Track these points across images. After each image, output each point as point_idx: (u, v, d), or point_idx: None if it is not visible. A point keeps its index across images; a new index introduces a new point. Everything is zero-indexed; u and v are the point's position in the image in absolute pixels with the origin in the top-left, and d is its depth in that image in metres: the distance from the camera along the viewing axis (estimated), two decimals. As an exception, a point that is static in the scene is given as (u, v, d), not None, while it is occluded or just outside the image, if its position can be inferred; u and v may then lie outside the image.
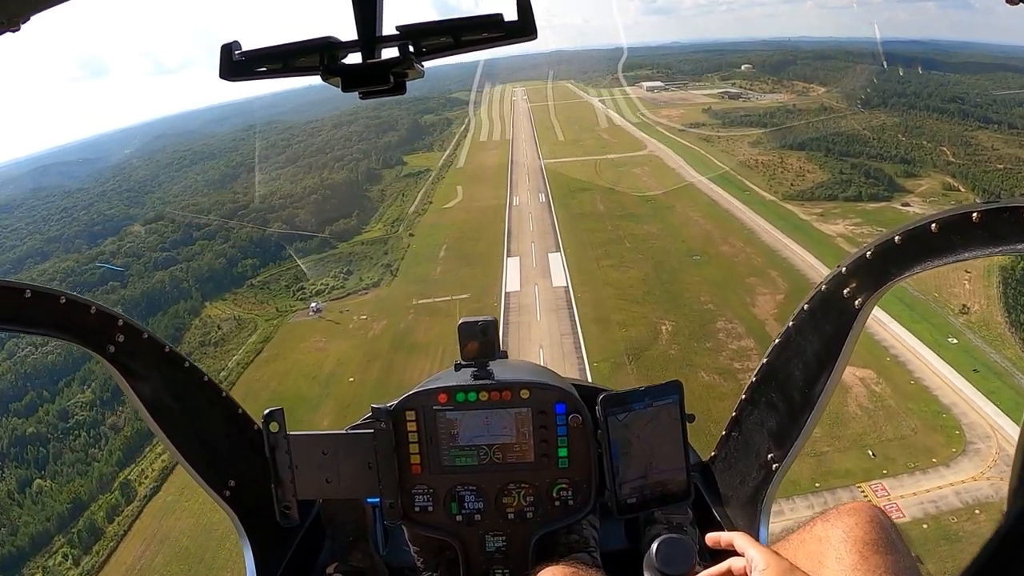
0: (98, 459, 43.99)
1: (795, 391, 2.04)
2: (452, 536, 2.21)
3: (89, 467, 43.21)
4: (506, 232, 63.56)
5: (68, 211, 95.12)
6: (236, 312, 59.23)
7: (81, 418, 48.61)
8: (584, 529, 2.29)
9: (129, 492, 39.61)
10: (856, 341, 1.83)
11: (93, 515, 38.19)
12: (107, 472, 42.09)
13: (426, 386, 2.20)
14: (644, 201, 68.91)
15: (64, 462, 44.51)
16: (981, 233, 1.37)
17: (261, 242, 77.73)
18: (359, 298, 55.47)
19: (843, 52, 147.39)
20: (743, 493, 2.34)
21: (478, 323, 2.16)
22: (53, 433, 46.71)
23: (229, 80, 1.11)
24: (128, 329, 1.99)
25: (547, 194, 75.22)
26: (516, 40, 1.03)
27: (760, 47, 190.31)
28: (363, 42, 1.06)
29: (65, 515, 39.10)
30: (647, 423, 1.95)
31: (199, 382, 2.28)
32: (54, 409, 49.51)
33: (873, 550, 1.26)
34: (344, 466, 2.16)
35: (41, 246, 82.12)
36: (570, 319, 43.77)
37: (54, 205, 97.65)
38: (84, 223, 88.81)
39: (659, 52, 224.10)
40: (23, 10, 0.92)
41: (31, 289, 1.69)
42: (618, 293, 47.12)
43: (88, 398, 50.39)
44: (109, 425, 47.51)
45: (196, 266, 71.42)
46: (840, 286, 1.81)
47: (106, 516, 38.29)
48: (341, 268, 66.30)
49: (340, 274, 64.86)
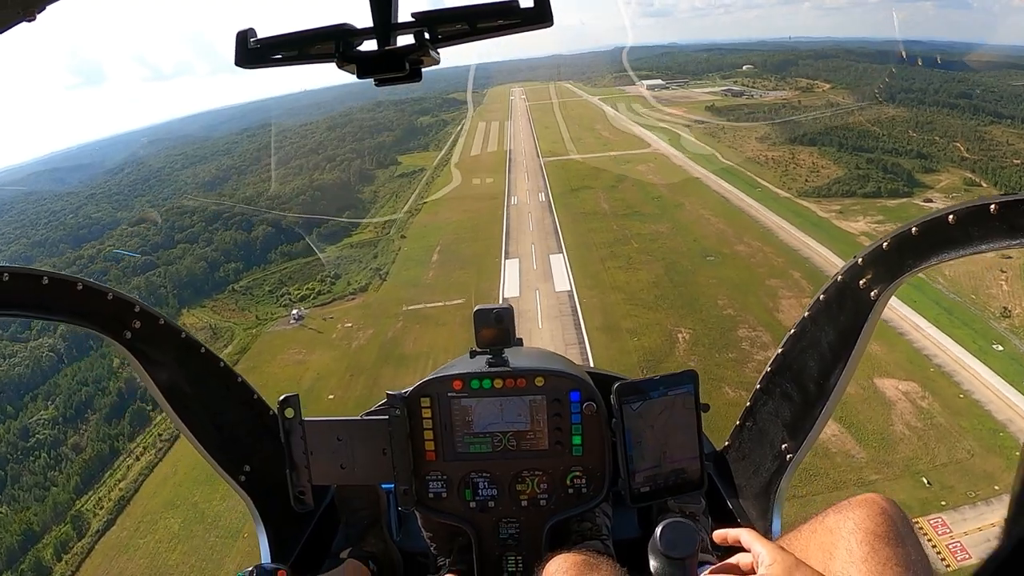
0: (56, 483, 39.99)
1: (810, 382, 2.02)
2: (466, 522, 2.19)
3: (47, 492, 39.23)
4: (504, 233, 59.13)
5: (56, 215, 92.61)
6: (213, 320, 54.77)
7: (43, 437, 44.66)
8: (597, 517, 2.28)
9: (81, 525, 35.18)
10: (872, 332, 1.79)
11: (41, 552, 33.89)
12: (63, 500, 37.90)
13: (441, 373, 2.17)
14: (651, 199, 64.55)
15: (22, 486, 40.54)
16: (999, 225, 1.34)
17: (246, 244, 73.41)
18: (345, 304, 50.96)
19: (843, 51, 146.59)
20: (757, 483, 2.30)
21: (493, 311, 2.13)
22: (13, 453, 42.92)
23: (245, 67, 1.10)
24: (144, 315, 1.98)
25: (547, 193, 70.87)
26: (532, 27, 1.01)
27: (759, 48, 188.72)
28: (378, 29, 1.06)
29: (15, 548, 34.95)
30: (662, 412, 1.90)
31: (215, 368, 2.27)
32: (16, 427, 45.72)
33: (884, 542, 1.24)
34: (359, 452, 2.13)
35: (25, 250, 79.02)
36: (575, 327, 39.19)
37: (43, 209, 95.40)
38: (70, 227, 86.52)
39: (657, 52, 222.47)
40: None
41: (49, 276, 1.69)
42: (627, 298, 42.59)
43: (51, 415, 46.67)
44: (71, 445, 43.81)
45: (175, 271, 67.28)
46: (856, 277, 1.78)
47: (55, 553, 33.98)
48: (328, 272, 62.11)
49: (327, 278, 60.67)
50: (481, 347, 2.15)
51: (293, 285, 60.74)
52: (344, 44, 1.06)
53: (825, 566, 1.28)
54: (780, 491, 2.18)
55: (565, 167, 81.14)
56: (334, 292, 55.38)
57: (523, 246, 54.91)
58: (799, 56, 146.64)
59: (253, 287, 63.07)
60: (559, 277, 46.84)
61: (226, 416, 2.32)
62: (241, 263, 69.48)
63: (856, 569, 1.23)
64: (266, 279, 64.40)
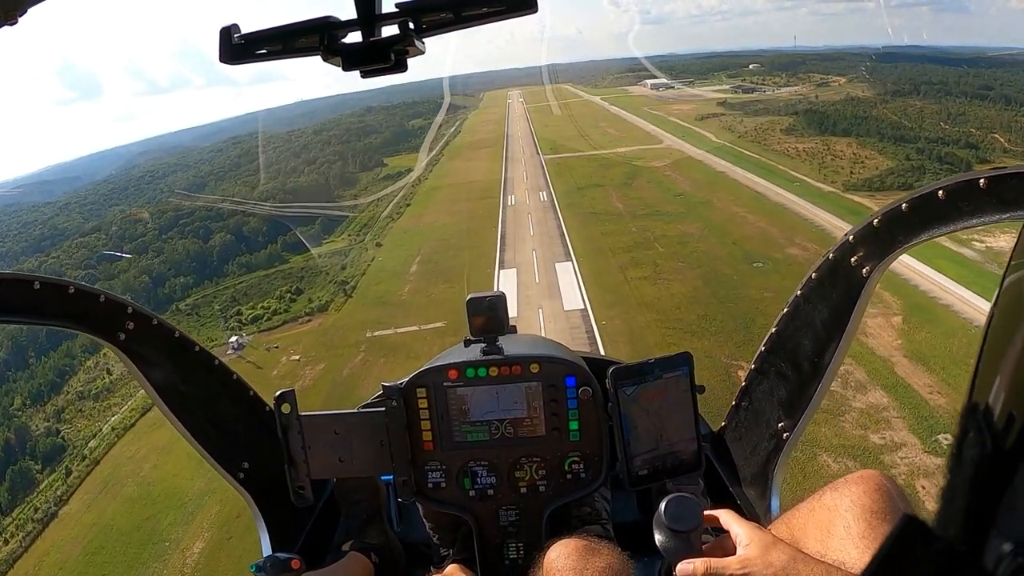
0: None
1: (804, 360, 2.01)
2: (465, 511, 2.16)
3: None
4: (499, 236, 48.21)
5: (28, 226, 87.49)
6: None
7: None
8: (596, 502, 2.27)
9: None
10: (864, 309, 1.79)
11: None
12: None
13: (436, 363, 2.13)
14: (672, 196, 53.76)
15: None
16: (988, 200, 1.34)
17: (201, 255, 62.64)
18: (297, 328, 39.90)
19: (850, 55, 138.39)
20: (754, 463, 2.31)
21: (486, 298, 2.09)
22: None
23: (229, 63, 1.08)
24: (137, 316, 1.97)
25: (549, 192, 60.11)
26: (517, 14, 1.00)
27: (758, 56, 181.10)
28: (362, 21, 1.03)
29: None
30: (657, 395, 1.88)
31: (210, 366, 2.26)
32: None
33: (880, 518, 1.25)
34: (356, 445, 2.09)
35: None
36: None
37: (15, 221, 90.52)
38: (34, 238, 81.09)
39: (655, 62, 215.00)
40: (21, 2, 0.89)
41: (40, 280, 1.67)
42: (661, 318, 31.54)
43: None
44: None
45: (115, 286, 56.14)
46: (848, 254, 1.77)
47: None
48: (289, 286, 51.25)
49: (287, 294, 49.80)
50: (475, 335, 2.11)
51: (247, 303, 49.92)
52: (328, 37, 1.04)
53: (823, 543, 1.28)
54: (778, 470, 2.18)
55: (568, 165, 70.51)
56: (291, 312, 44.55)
57: (522, 253, 44.00)
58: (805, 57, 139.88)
59: (201, 305, 52.16)
60: (568, 292, 35.88)
61: (223, 414, 2.28)
62: (192, 277, 58.91)
63: (854, 545, 1.23)
64: (218, 295, 53.68)
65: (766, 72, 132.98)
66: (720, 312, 31.56)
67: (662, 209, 50.45)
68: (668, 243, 42.32)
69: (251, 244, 62.04)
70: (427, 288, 40.33)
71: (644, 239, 43.62)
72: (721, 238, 42.52)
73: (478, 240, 48.02)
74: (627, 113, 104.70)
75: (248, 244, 62.28)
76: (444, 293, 38.26)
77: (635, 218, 48.77)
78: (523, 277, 39.06)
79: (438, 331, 32.71)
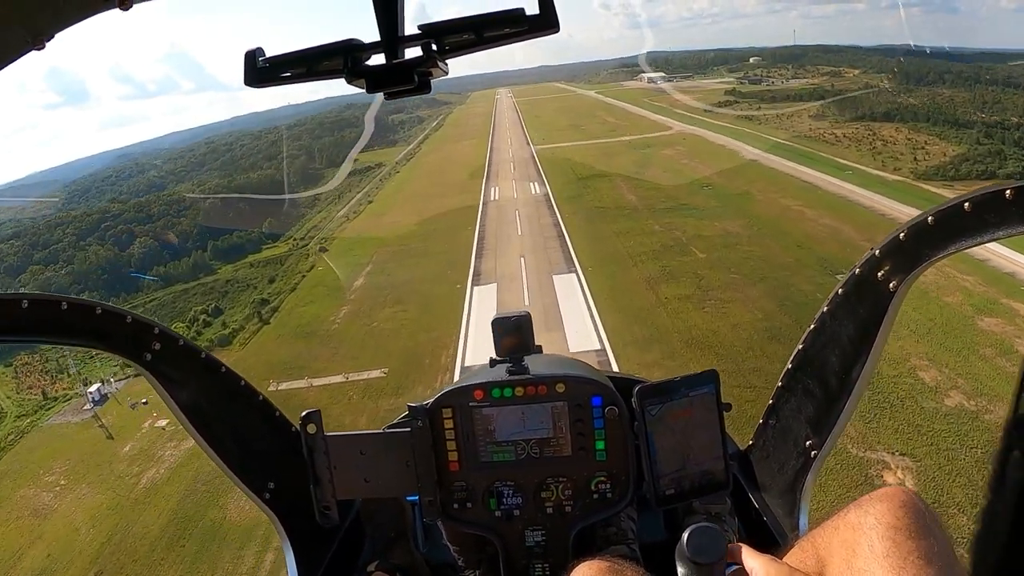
0: None
1: (832, 377, 1.95)
2: (491, 532, 2.13)
3: None
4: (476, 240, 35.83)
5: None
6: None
7: None
8: (622, 521, 2.23)
9: None
10: (892, 325, 1.73)
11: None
12: None
13: (462, 383, 2.11)
14: (698, 188, 41.68)
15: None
16: (1015, 211, 1.31)
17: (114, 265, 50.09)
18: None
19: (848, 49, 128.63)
20: (782, 481, 2.27)
21: (512, 318, 2.12)
22: None
23: (254, 87, 1.08)
24: (164, 337, 1.94)
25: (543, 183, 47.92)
26: (539, 34, 0.99)
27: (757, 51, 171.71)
28: (386, 43, 1.03)
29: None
30: (684, 413, 1.85)
31: (235, 387, 2.22)
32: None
33: (906, 536, 1.17)
34: (382, 465, 2.06)
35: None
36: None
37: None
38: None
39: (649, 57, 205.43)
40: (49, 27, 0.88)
41: (67, 301, 1.67)
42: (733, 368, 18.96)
43: None
44: None
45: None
46: (874, 269, 1.72)
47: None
48: (206, 305, 38.75)
49: (202, 315, 37.29)
50: (501, 356, 2.13)
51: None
52: (352, 59, 1.04)
53: (848, 563, 1.23)
54: (806, 488, 2.13)
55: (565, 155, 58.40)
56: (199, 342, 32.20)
57: (506, 262, 31.71)
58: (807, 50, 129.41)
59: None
60: (574, 319, 23.52)
61: (249, 434, 2.24)
62: (99, 292, 46.16)
63: (878, 564, 1.17)
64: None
65: (769, 64, 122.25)
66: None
67: (689, 203, 38.35)
68: (708, 246, 30.16)
69: (175, 251, 49.56)
70: (370, 312, 27.82)
71: (674, 240, 31.45)
72: (779, 240, 30.45)
73: (449, 244, 35.70)
74: (626, 105, 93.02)
75: (172, 251, 49.80)
76: (391, 321, 25.83)
77: (655, 214, 36.61)
78: (506, 296, 26.66)
79: (372, 384, 20.32)
